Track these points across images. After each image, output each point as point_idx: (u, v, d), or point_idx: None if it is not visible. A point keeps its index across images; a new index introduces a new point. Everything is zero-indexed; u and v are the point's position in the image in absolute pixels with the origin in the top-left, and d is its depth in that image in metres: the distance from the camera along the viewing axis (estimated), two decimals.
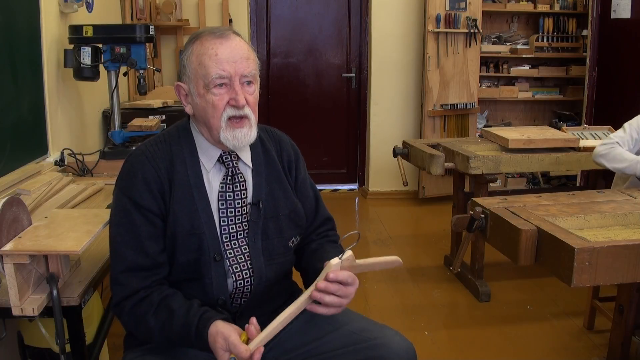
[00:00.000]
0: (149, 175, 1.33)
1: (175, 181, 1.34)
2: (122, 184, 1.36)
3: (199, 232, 1.34)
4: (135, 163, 1.35)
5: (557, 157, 3.00)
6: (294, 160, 1.53)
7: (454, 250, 3.37)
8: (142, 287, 1.31)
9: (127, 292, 1.30)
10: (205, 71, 1.31)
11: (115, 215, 1.35)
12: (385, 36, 4.76)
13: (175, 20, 4.32)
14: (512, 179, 5.00)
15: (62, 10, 2.80)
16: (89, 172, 2.54)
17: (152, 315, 1.29)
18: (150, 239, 1.32)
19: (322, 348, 1.43)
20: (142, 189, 1.32)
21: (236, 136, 1.34)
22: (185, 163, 1.37)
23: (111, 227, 1.35)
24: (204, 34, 1.34)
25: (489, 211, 1.80)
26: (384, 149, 4.71)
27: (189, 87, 1.36)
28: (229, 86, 1.32)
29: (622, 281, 1.59)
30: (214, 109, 1.32)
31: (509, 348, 2.57)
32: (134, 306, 1.30)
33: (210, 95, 1.32)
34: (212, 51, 1.31)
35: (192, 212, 1.34)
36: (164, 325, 1.28)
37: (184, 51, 1.37)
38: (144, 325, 1.30)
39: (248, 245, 1.39)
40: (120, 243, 1.32)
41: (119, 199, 1.35)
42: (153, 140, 1.41)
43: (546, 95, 5.16)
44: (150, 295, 1.31)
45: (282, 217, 1.44)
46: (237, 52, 1.33)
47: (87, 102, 3.18)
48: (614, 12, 4.28)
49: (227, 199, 1.38)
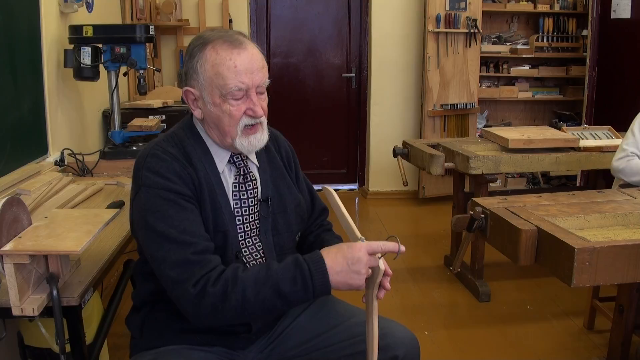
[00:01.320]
0: (180, 170, 1.31)
1: (200, 179, 1.34)
2: (152, 182, 1.28)
3: (224, 229, 1.35)
4: (160, 162, 1.31)
5: (557, 157, 3.00)
6: (292, 156, 1.56)
7: (454, 250, 3.37)
8: (220, 263, 1.26)
9: (209, 267, 1.23)
10: (224, 82, 1.30)
11: (156, 212, 1.26)
12: (385, 36, 4.76)
13: (175, 20, 4.32)
14: (512, 179, 5.00)
15: (62, 10, 2.80)
16: (89, 172, 2.54)
17: (243, 271, 1.23)
18: (202, 225, 1.30)
19: (328, 341, 1.45)
20: (179, 182, 1.30)
21: (251, 142, 1.36)
22: (203, 162, 1.37)
23: (156, 224, 1.25)
24: (218, 41, 1.31)
25: (489, 211, 1.80)
26: (384, 149, 4.71)
27: (202, 93, 1.34)
28: (246, 97, 1.32)
29: (622, 281, 1.59)
30: (231, 118, 1.32)
31: (509, 348, 2.57)
32: (221, 273, 1.22)
33: (227, 105, 1.32)
34: (231, 62, 1.30)
35: (217, 209, 1.35)
36: (259, 272, 1.22)
37: (193, 56, 1.33)
38: (239, 284, 1.20)
39: (261, 242, 1.41)
40: (178, 232, 1.24)
41: (156, 195, 1.27)
42: (164, 142, 1.37)
43: (546, 95, 5.16)
44: (231, 265, 1.26)
45: (289, 212, 1.46)
46: (255, 63, 1.32)
47: (87, 102, 3.18)
48: (614, 12, 4.28)
49: (241, 197, 1.40)
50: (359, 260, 1.20)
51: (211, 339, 1.39)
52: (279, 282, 1.21)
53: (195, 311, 1.22)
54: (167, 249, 1.24)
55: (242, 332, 1.41)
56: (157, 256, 1.25)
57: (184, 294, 1.22)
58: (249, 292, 1.20)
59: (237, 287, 1.20)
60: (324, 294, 1.24)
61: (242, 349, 1.43)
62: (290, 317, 1.50)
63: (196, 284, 1.21)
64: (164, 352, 1.37)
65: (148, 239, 1.27)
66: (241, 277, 1.22)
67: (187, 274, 1.22)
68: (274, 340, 1.47)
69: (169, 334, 1.39)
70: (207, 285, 1.21)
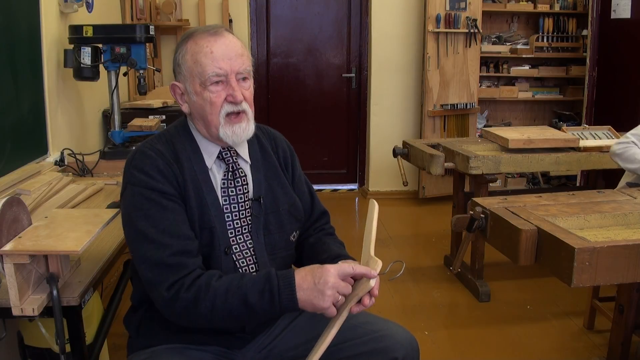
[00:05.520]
0: (163, 168, 1.32)
1: (185, 176, 1.34)
2: (136, 180, 1.30)
3: (210, 225, 1.34)
4: (146, 159, 1.33)
5: (557, 157, 3.00)
6: (290, 156, 1.55)
7: (454, 250, 3.37)
8: (197, 267, 1.27)
9: (184, 272, 1.24)
10: (202, 69, 1.32)
11: (138, 210, 1.28)
12: (385, 36, 4.76)
13: (175, 20, 4.32)
14: (512, 179, 5.00)
15: (62, 10, 2.80)
16: (89, 172, 2.54)
17: (217, 280, 1.24)
18: (184, 224, 1.30)
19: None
20: (162, 180, 1.31)
21: (235, 131, 1.35)
22: (190, 159, 1.37)
23: (137, 222, 1.27)
24: (197, 32, 1.35)
25: (489, 211, 1.80)
26: (384, 149, 4.71)
27: (185, 85, 1.37)
28: (226, 83, 1.33)
29: (622, 281, 1.59)
30: (212, 106, 1.33)
31: (509, 348, 2.57)
32: (195, 279, 1.24)
33: (207, 92, 1.33)
34: (207, 49, 1.32)
35: (203, 206, 1.35)
36: (231, 282, 1.23)
37: (177, 50, 1.38)
38: (211, 292, 1.22)
39: (252, 240, 1.40)
40: (157, 232, 1.26)
41: (139, 193, 1.29)
42: (154, 140, 1.40)
43: (546, 95, 5.16)
44: (207, 272, 1.27)
45: (282, 212, 1.45)
46: (232, 49, 1.34)
47: (87, 102, 3.18)
48: (614, 12, 4.28)
49: (230, 194, 1.40)
50: (325, 282, 1.20)
51: (207, 339, 1.40)
52: (247, 293, 1.22)
53: (168, 313, 1.27)
54: (146, 248, 1.26)
55: (236, 331, 1.41)
56: (136, 255, 1.29)
57: (158, 296, 1.25)
58: (218, 300, 1.23)
59: (208, 294, 1.23)
60: (291, 310, 1.25)
61: (238, 349, 1.43)
62: (289, 318, 1.50)
63: (170, 288, 1.24)
64: (160, 351, 1.37)
65: (130, 236, 1.30)
66: (213, 286, 1.24)
67: (162, 277, 1.24)
68: (272, 340, 1.47)
69: (165, 333, 1.39)
70: (180, 291, 1.23)
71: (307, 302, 1.22)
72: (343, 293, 1.22)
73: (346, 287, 1.22)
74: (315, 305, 1.21)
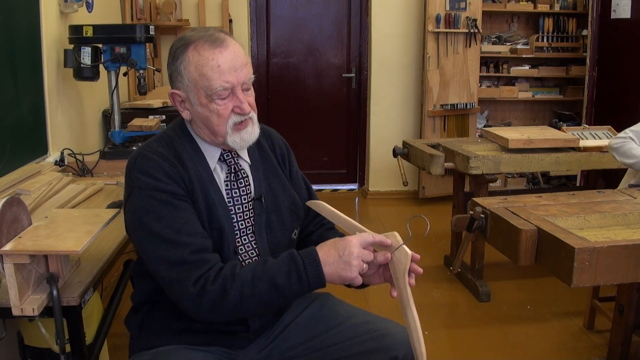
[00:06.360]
0: (169, 170, 1.31)
1: (191, 177, 1.34)
2: (143, 184, 1.28)
3: (219, 225, 1.34)
4: (149, 162, 1.31)
5: (557, 157, 3.00)
6: (286, 153, 1.56)
7: (454, 250, 3.37)
8: (218, 260, 1.28)
9: (207, 266, 1.24)
10: (208, 83, 1.29)
11: (150, 213, 1.26)
12: (385, 36, 4.76)
13: (175, 20, 4.32)
14: (512, 179, 5.00)
15: (62, 10, 2.80)
16: (89, 172, 2.54)
17: (240, 268, 1.25)
18: (198, 222, 1.30)
19: (327, 342, 1.45)
20: (169, 181, 1.29)
21: (243, 137, 1.35)
22: (193, 160, 1.37)
23: (150, 225, 1.25)
24: (199, 42, 1.30)
25: (489, 211, 1.80)
26: (384, 149, 4.71)
27: (188, 95, 1.34)
28: (232, 94, 1.32)
29: (622, 281, 1.59)
30: (219, 117, 1.32)
31: (509, 348, 2.57)
32: (219, 271, 1.24)
33: (214, 105, 1.31)
34: (214, 62, 1.29)
35: (211, 206, 1.34)
36: (256, 269, 1.24)
37: (176, 58, 1.33)
38: (237, 280, 1.22)
39: (256, 240, 1.41)
40: (173, 232, 1.24)
41: (148, 196, 1.27)
42: (153, 143, 1.38)
43: (546, 95, 5.16)
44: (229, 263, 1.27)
45: (283, 210, 1.46)
46: (238, 61, 1.32)
47: (87, 102, 3.18)
48: (614, 12, 4.28)
49: (234, 195, 1.40)
50: (350, 252, 1.22)
51: (210, 339, 1.39)
52: (275, 276, 1.23)
53: (196, 309, 1.24)
54: (164, 249, 1.24)
55: (240, 331, 1.41)
56: (154, 257, 1.26)
57: (184, 293, 1.23)
58: (246, 288, 1.22)
59: (235, 283, 1.22)
60: (319, 287, 1.25)
61: (240, 348, 1.43)
62: (290, 317, 1.50)
63: (196, 282, 1.22)
64: (163, 351, 1.37)
65: (144, 240, 1.28)
66: (239, 274, 1.24)
67: (186, 274, 1.23)
68: (273, 339, 1.47)
69: (168, 334, 1.39)
70: (206, 284, 1.22)
71: (334, 275, 1.23)
72: (367, 261, 1.25)
73: (369, 254, 1.25)
74: (344, 277, 1.23)
